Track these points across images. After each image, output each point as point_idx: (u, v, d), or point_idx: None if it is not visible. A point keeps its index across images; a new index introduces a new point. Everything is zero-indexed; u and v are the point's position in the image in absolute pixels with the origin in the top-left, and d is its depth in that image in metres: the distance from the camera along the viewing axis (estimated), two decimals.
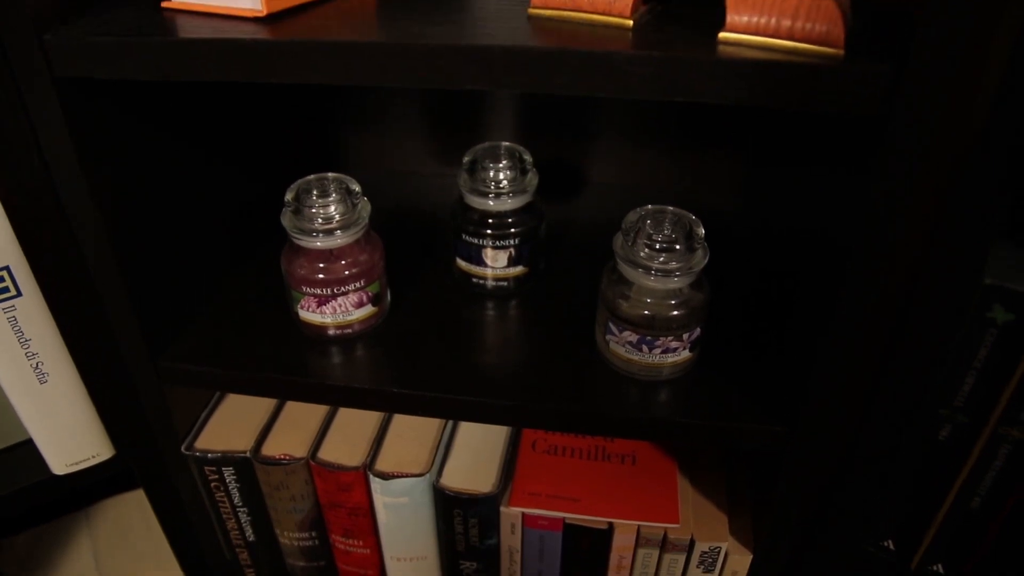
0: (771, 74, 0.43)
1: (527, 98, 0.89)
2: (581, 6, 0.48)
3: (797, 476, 0.61)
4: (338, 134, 0.96)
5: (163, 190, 0.65)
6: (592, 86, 0.45)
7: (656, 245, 0.59)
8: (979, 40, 0.39)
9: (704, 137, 0.88)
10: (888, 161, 0.44)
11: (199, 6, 0.54)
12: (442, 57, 0.45)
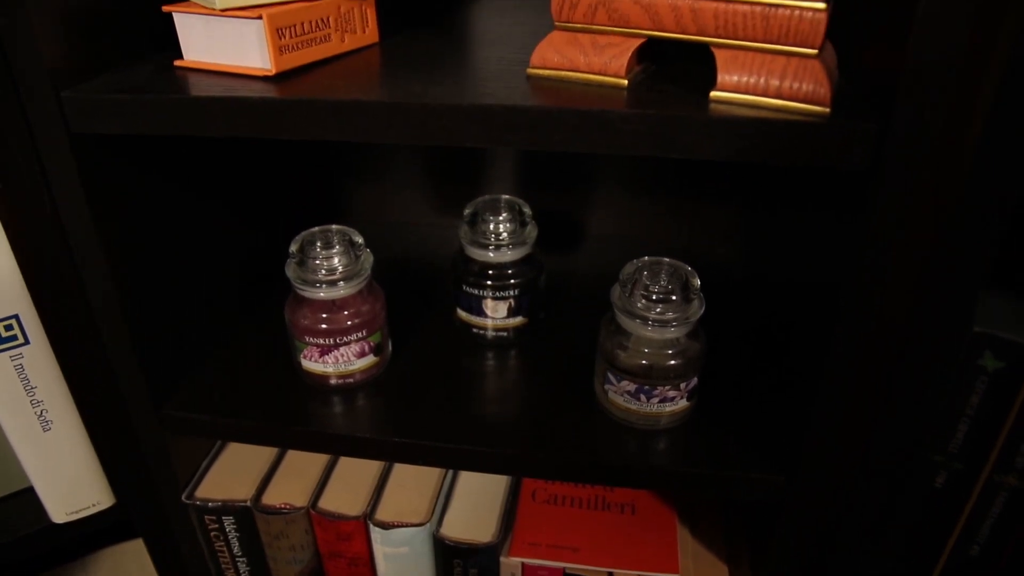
0: (761, 131, 0.44)
1: (527, 152, 0.91)
2: (578, 66, 0.50)
3: (796, 525, 0.61)
4: (341, 185, 0.98)
5: (170, 240, 0.66)
6: (589, 143, 0.46)
7: (653, 296, 0.60)
8: (963, 96, 0.41)
9: (700, 189, 0.90)
10: (876, 214, 0.46)
11: (210, 65, 0.56)
12: (444, 116, 0.47)
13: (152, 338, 0.65)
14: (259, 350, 0.75)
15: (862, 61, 0.49)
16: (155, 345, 0.66)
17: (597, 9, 0.48)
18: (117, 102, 0.51)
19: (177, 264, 0.68)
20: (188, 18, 0.55)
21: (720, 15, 0.45)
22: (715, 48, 0.47)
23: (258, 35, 0.52)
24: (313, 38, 0.55)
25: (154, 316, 0.65)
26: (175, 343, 0.69)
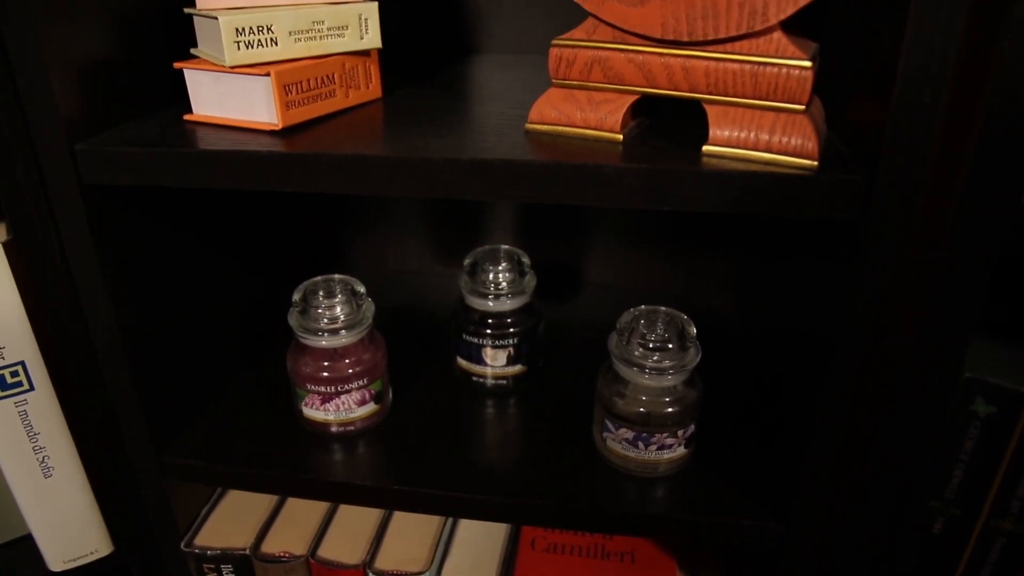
0: (751, 184, 0.46)
1: (526, 203, 0.93)
2: (574, 122, 0.52)
3: (794, 572, 0.61)
4: (343, 235, 0.99)
5: (175, 288, 0.68)
6: (585, 196, 0.48)
7: (650, 344, 0.61)
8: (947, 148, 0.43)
9: (696, 239, 0.91)
10: (863, 263, 0.47)
11: (219, 119, 0.58)
12: (445, 170, 0.49)
13: (155, 385, 0.66)
14: (260, 398, 0.75)
15: (849, 114, 0.51)
16: (158, 392, 0.66)
17: (593, 67, 0.50)
18: (128, 155, 0.53)
19: (181, 312, 0.69)
20: (198, 74, 0.57)
21: (711, 73, 0.47)
22: (707, 104, 0.49)
23: (266, 91, 0.54)
24: (319, 94, 0.57)
25: (157, 363, 0.66)
26: (177, 390, 0.70)
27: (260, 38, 0.54)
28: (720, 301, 0.92)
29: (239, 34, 0.54)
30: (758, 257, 0.82)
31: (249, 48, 0.54)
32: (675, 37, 0.47)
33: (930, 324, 0.49)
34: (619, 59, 0.49)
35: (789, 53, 0.45)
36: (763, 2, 0.45)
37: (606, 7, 0.48)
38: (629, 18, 0.48)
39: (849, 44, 0.52)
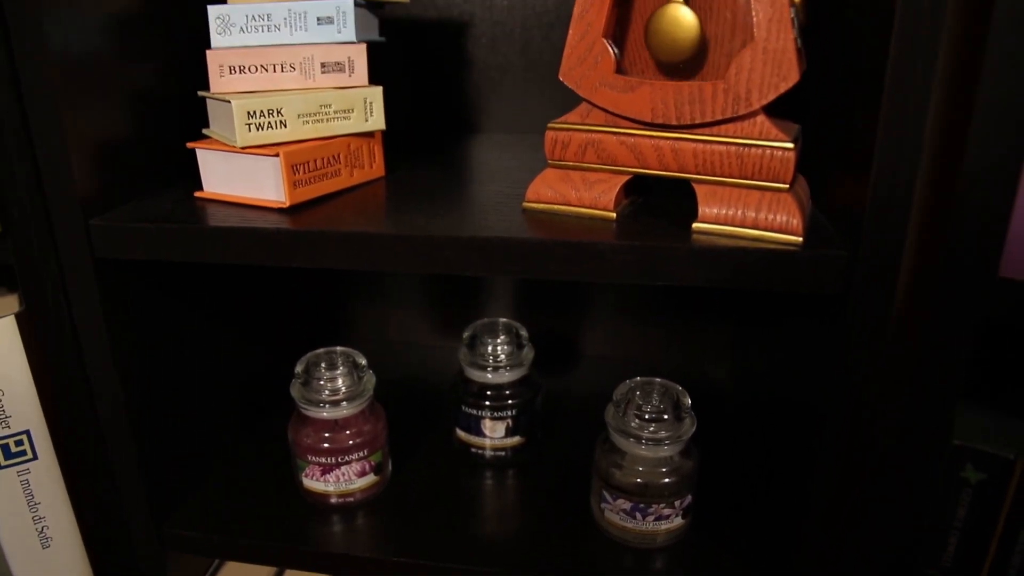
0: (739, 260, 0.48)
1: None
2: (570, 201, 0.54)
3: None
4: (344, 307, 1.01)
5: (180, 360, 0.69)
6: (580, 272, 0.50)
7: (646, 415, 0.62)
8: (928, 222, 0.45)
9: (691, 311, 0.93)
10: (850, 335, 0.48)
11: (229, 196, 0.60)
12: (445, 247, 0.51)
13: (157, 457, 0.67)
14: (260, 469, 0.76)
15: (832, 192, 0.53)
16: (159, 463, 0.67)
17: (587, 149, 0.53)
18: (141, 231, 0.55)
19: (184, 383, 0.70)
20: (210, 154, 0.60)
21: (699, 154, 0.50)
22: (695, 183, 0.51)
23: (275, 171, 0.57)
24: (324, 173, 0.60)
25: (160, 435, 0.67)
26: (179, 462, 0.70)
27: (270, 120, 0.57)
28: (715, 371, 0.93)
29: (250, 117, 0.56)
30: (751, 328, 0.84)
31: (259, 130, 0.57)
32: (664, 121, 0.50)
33: (917, 393, 0.50)
34: (612, 141, 0.52)
35: (772, 135, 0.48)
36: (746, 89, 0.47)
37: (599, 93, 0.51)
38: (620, 103, 0.51)
39: (829, 125, 0.54)
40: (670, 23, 0.49)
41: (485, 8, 0.85)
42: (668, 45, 0.50)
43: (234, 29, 0.61)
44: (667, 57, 0.50)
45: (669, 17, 0.49)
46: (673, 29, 0.49)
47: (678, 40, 0.49)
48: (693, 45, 0.49)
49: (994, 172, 0.43)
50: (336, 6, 0.59)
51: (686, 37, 0.49)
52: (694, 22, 0.49)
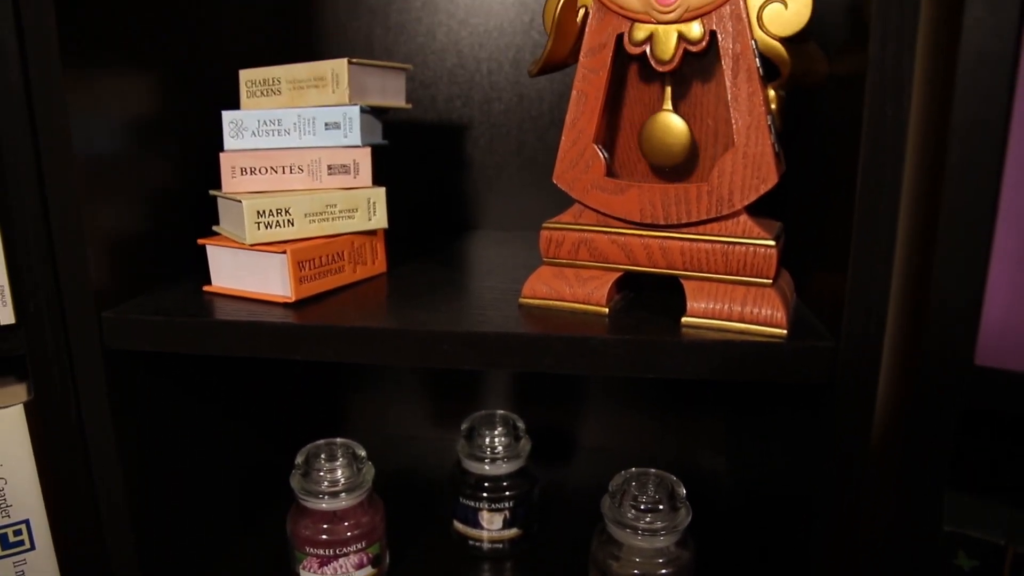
0: (727, 353, 0.50)
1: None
2: (564, 297, 0.56)
3: None
4: (343, 399, 1.02)
5: (181, 450, 0.70)
6: (574, 366, 0.52)
7: (641, 506, 0.63)
8: (906, 314, 0.47)
9: (685, 400, 0.94)
10: (837, 424, 0.50)
11: (236, 291, 0.62)
12: (444, 342, 0.53)
13: (156, 548, 0.67)
14: (258, 561, 0.76)
15: (815, 285, 0.55)
16: (158, 556, 0.67)
17: (580, 247, 0.55)
18: (151, 323, 0.57)
19: (185, 474, 0.71)
20: (220, 250, 0.63)
21: (686, 252, 0.52)
22: (684, 279, 0.53)
23: (282, 267, 0.59)
24: (329, 269, 0.62)
25: (160, 526, 0.67)
26: (178, 553, 0.70)
27: (278, 219, 0.60)
28: (710, 461, 0.94)
29: (260, 216, 0.59)
30: (744, 417, 0.85)
31: (268, 228, 0.60)
32: (652, 221, 0.53)
33: (905, 480, 0.51)
34: (603, 240, 0.55)
35: (755, 234, 0.51)
36: (728, 191, 0.50)
37: (590, 195, 0.54)
38: (611, 204, 0.54)
39: (810, 222, 0.57)
40: (662, 130, 0.53)
41: (483, 112, 0.89)
42: (661, 150, 0.53)
43: (246, 133, 0.65)
44: (660, 161, 0.54)
45: (661, 124, 0.53)
46: (665, 135, 0.53)
47: (670, 145, 0.53)
48: (684, 150, 0.53)
49: (964, 266, 0.45)
50: (343, 113, 0.63)
51: (677, 143, 0.52)
52: (684, 128, 0.52)
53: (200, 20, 0.71)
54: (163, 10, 0.65)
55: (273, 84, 0.66)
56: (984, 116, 0.43)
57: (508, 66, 0.88)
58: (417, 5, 0.88)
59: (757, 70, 0.49)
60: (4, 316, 0.58)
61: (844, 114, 0.49)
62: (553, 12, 0.53)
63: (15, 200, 0.55)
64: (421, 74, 0.90)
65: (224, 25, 0.75)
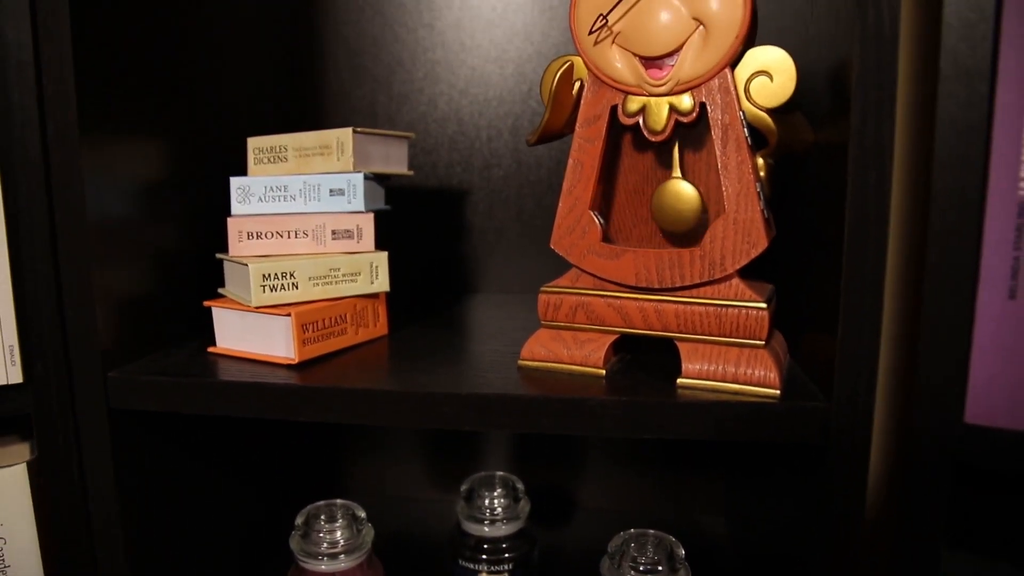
0: (722, 413, 0.51)
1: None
2: (562, 359, 0.58)
3: None
4: (343, 460, 1.02)
5: (182, 510, 0.70)
6: (573, 427, 0.53)
7: (640, 567, 0.63)
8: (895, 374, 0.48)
9: (683, 460, 0.95)
10: (831, 482, 0.51)
11: (240, 352, 0.64)
12: (445, 404, 0.54)
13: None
14: None
15: (807, 346, 0.57)
16: None
17: (577, 311, 0.57)
18: (156, 383, 0.58)
19: (185, 534, 0.71)
20: (225, 312, 0.64)
21: (680, 314, 0.54)
22: (678, 341, 0.55)
23: (286, 329, 0.60)
24: (332, 331, 0.64)
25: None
26: None
27: (283, 282, 0.62)
28: (709, 522, 0.94)
29: (265, 279, 0.61)
30: (743, 477, 0.85)
31: (273, 291, 0.61)
32: (647, 284, 0.54)
33: (902, 539, 0.52)
34: (600, 304, 0.56)
35: (747, 296, 0.52)
36: (720, 255, 0.52)
37: (587, 260, 0.56)
38: (607, 269, 0.55)
39: (801, 285, 0.59)
40: (673, 196, 0.55)
41: (483, 178, 0.92)
42: (673, 217, 0.55)
43: (253, 198, 0.67)
44: (673, 227, 0.55)
45: (671, 191, 0.55)
46: (676, 202, 0.54)
47: (681, 212, 0.54)
48: (696, 215, 0.54)
49: (950, 326, 0.46)
50: (347, 180, 0.65)
51: (688, 208, 0.54)
52: (695, 194, 0.54)
53: (209, 88, 0.73)
54: (174, 78, 0.67)
55: (280, 152, 0.68)
56: (961, 183, 0.45)
57: (507, 133, 0.91)
58: (419, 75, 0.91)
59: (745, 139, 0.51)
60: (13, 375, 0.59)
61: (830, 181, 0.51)
62: (550, 85, 0.56)
63: (28, 262, 0.57)
64: (423, 141, 0.92)
65: (232, 93, 0.78)
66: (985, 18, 0.43)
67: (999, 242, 0.45)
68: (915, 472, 0.50)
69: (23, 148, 0.55)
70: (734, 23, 0.50)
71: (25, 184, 0.56)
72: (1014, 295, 0.46)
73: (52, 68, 0.55)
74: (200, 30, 0.71)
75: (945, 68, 0.44)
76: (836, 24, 0.51)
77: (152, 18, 0.64)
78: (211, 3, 0.74)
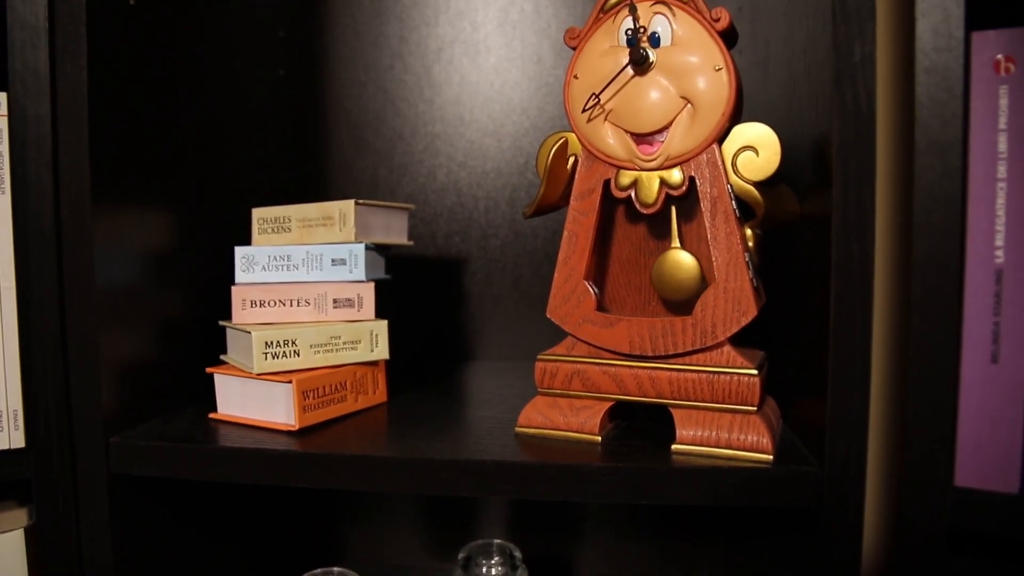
0: (716, 479, 0.52)
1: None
2: (558, 426, 0.59)
3: None
4: (339, 527, 1.02)
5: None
6: (569, 493, 0.53)
7: None
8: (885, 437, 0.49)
9: (682, 527, 0.94)
10: (825, 546, 0.51)
11: (241, 418, 0.64)
12: (443, 470, 0.54)
13: None
14: None
15: (799, 412, 0.58)
16: None
17: (573, 378, 0.58)
18: (157, 449, 0.59)
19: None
20: (227, 379, 0.65)
21: (674, 382, 0.55)
22: (672, 408, 0.56)
23: (287, 396, 0.61)
24: (332, 399, 0.65)
25: None
26: None
27: (285, 350, 0.63)
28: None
29: (267, 346, 0.62)
30: (741, 542, 0.85)
31: (275, 358, 0.62)
32: (641, 352, 0.56)
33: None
34: (595, 371, 0.57)
35: (738, 363, 0.53)
36: (711, 323, 0.53)
37: (582, 328, 0.57)
38: (602, 337, 0.57)
39: (792, 351, 0.60)
40: (672, 266, 0.56)
41: (480, 248, 0.94)
42: (673, 286, 0.56)
43: (257, 267, 0.69)
44: (673, 296, 0.57)
45: (671, 261, 0.56)
46: (676, 271, 0.56)
47: (681, 280, 0.56)
48: (695, 284, 0.56)
49: (935, 391, 0.47)
50: (349, 250, 0.67)
51: (687, 277, 0.56)
52: (694, 263, 0.56)
53: (216, 160, 0.76)
54: (182, 150, 0.70)
55: (284, 222, 0.70)
56: (940, 251, 0.46)
57: (504, 204, 0.93)
58: (419, 148, 0.94)
59: (733, 211, 0.53)
60: (15, 440, 0.60)
61: (816, 250, 0.53)
62: (545, 160, 0.58)
63: (36, 328, 0.58)
64: (422, 211, 0.95)
65: (238, 165, 0.81)
66: (955, 96, 0.45)
67: (979, 308, 0.47)
68: (908, 536, 0.50)
69: (38, 219, 0.57)
70: (720, 102, 0.52)
71: (37, 252, 0.58)
72: (996, 359, 0.47)
73: (69, 142, 0.57)
74: (208, 105, 0.74)
75: (920, 143, 0.46)
76: (817, 101, 0.54)
77: (163, 95, 0.66)
78: (218, 80, 0.77)
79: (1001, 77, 0.46)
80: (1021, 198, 0.46)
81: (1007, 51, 0.46)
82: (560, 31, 0.92)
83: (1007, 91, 0.46)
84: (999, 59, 0.46)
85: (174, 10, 0.68)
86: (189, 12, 0.71)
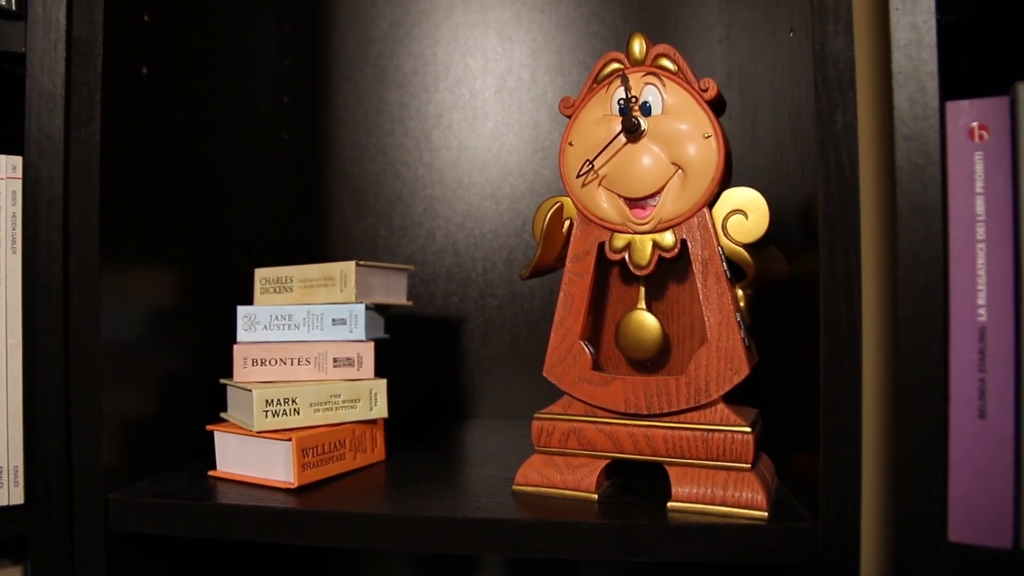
0: (711, 536, 0.52)
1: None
2: (555, 484, 0.59)
3: None
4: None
5: None
6: (566, 550, 0.53)
7: None
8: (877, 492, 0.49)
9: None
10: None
11: (240, 476, 0.65)
12: (441, 528, 0.55)
13: None
14: None
15: (793, 468, 0.58)
16: None
17: (569, 436, 0.59)
18: (156, 506, 0.59)
19: None
20: (227, 436, 0.66)
21: (668, 439, 0.56)
22: (668, 465, 0.56)
23: (286, 454, 0.62)
24: (331, 457, 0.65)
25: None
26: None
27: (285, 408, 0.64)
28: None
29: (268, 404, 0.63)
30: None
31: (275, 416, 0.63)
32: (636, 411, 0.57)
33: None
34: (591, 430, 0.58)
35: (732, 421, 0.54)
36: (704, 382, 0.55)
37: (578, 387, 0.58)
38: (597, 396, 0.58)
39: (785, 408, 0.61)
40: (636, 327, 0.58)
41: (478, 308, 0.95)
42: (635, 345, 0.58)
43: (258, 326, 0.70)
44: (635, 355, 0.58)
45: (635, 322, 0.58)
46: (639, 332, 0.58)
47: (644, 341, 0.57)
48: (656, 345, 0.57)
49: (925, 447, 0.48)
50: (350, 310, 0.69)
51: (650, 338, 0.57)
52: (656, 325, 0.57)
53: (220, 222, 0.78)
54: (187, 213, 0.72)
55: (286, 282, 0.72)
56: (925, 310, 0.48)
57: (502, 265, 0.95)
58: (419, 210, 0.96)
59: (725, 273, 0.55)
60: (14, 496, 0.60)
61: (805, 309, 0.54)
62: (542, 223, 0.60)
63: (40, 384, 0.59)
64: (421, 272, 0.96)
65: (241, 226, 0.83)
66: (933, 162, 0.47)
67: (965, 364, 0.48)
68: None
69: (47, 277, 0.59)
70: (709, 167, 0.55)
71: (45, 310, 0.59)
72: (984, 415, 0.48)
73: (80, 202, 0.59)
74: (213, 168, 0.77)
75: (902, 206, 0.48)
76: (803, 165, 0.56)
77: (171, 158, 0.69)
78: (224, 144, 0.79)
79: (976, 144, 0.48)
80: (1001, 259, 0.48)
81: (980, 119, 0.48)
82: (556, 98, 0.95)
83: (982, 157, 0.48)
84: (973, 127, 0.48)
85: (183, 77, 0.71)
86: (197, 78, 0.74)
